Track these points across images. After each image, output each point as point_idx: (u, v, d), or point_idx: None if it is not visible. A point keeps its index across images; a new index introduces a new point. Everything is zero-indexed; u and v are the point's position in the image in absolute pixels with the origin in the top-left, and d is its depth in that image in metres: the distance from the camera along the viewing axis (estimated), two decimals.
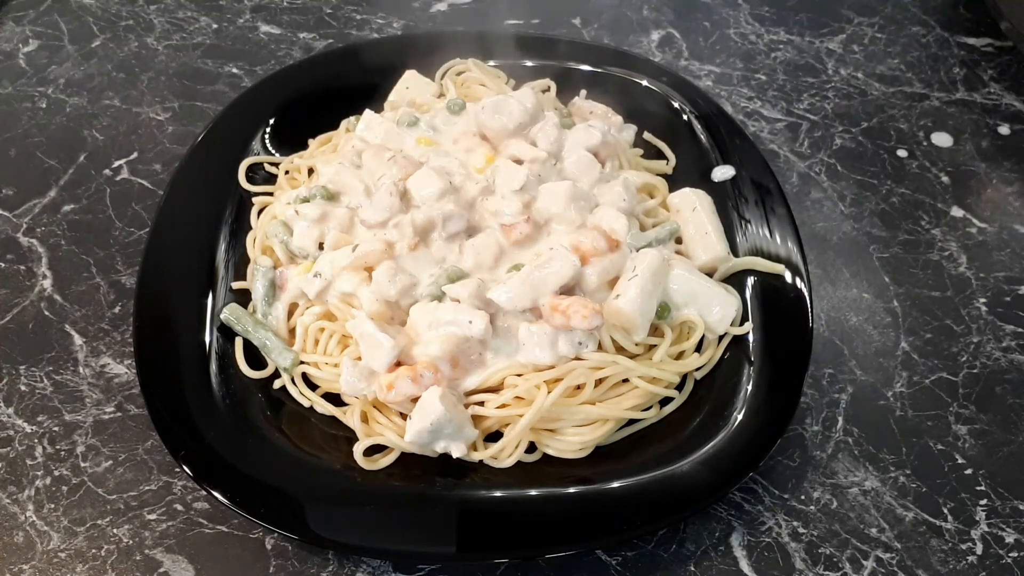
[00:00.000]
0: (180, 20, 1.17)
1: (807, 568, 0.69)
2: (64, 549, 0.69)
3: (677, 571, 0.69)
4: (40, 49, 1.12)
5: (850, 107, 1.07)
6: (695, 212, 0.84)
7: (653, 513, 0.67)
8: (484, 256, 0.76)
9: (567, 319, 0.70)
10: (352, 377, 0.71)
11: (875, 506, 0.73)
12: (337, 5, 1.19)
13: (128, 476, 0.73)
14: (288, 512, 0.66)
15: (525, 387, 0.70)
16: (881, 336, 0.85)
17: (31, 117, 1.03)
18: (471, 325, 0.70)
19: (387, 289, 0.73)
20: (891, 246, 0.92)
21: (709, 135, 0.92)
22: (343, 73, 0.99)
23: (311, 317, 0.77)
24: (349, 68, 0.99)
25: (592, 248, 0.75)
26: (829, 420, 0.78)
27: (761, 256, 0.81)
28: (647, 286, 0.72)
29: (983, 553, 0.71)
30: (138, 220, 0.92)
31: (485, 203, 0.79)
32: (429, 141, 0.86)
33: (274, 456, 0.70)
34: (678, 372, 0.75)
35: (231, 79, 1.08)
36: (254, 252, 0.84)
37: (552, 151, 0.83)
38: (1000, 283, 0.89)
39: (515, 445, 0.71)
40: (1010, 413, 0.79)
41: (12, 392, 0.78)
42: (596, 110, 0.93)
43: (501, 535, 0.66)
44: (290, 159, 0.92)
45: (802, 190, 0.97)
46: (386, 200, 0.78)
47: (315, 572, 0.68)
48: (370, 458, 0.71)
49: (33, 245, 0.90)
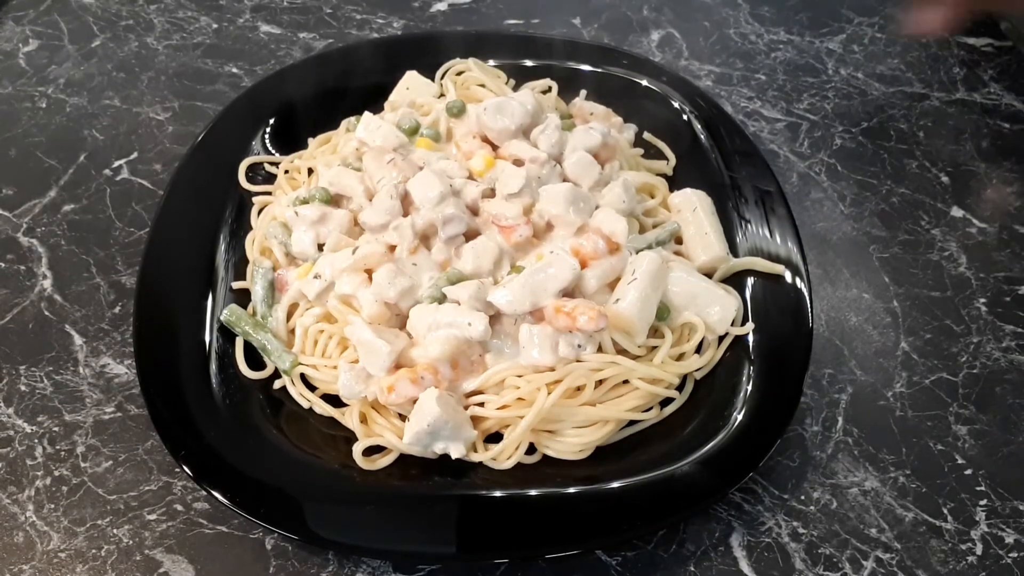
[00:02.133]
0: (180, 20, 1.17)
1: (807, 568, 0.69)
2: (64, 549, 0.69)
3: (677, 571, 0.69)
4: (40, 49, 1.12)
5: (850, 107, 1.07)
6: (695, 212, 0.84)
7: (653, 513, 0.67)
8: (484, 259, 0.76)
9: (572, 321, 0.69)
10: (350, 380, 0.71)
11: (875, 506, 0.73)
12: (337, 5, 1.19)
13: (128, 476, 0.73)
14: (288, 512, 0.66)
15: (526, 389, 0.70)
16: (881, 336, 0.85)
17: (31, 117, 1.03)
18: (471, 327, 0.70)
19: (387, 291, 0.73)
20: (891, 246, 0.92)
21: (709, 135, 0.92)
22: (343, 73, 0.99)
23: (311, 319, 0.77)
24: (349, 68, 0.99)
25: (592, 251, 0.75)
26: (829, 420, 0.78)
27: (761, 256, 0.81)
28: (647, 289, 0.72)
29: (983, 553, 0.71)
30: (138, 220, 0.92)
31: (485, 206, 0.79)
32: (429, 144, 0.86)
33: (274, 456, 0.70)
34: (678, 373, 0.75)
35: (231, 79, 1.08)
36: (253, 253, 0.84)
37: (553, 153, 0.83)
38: (1000, 283, 0.89)
39: (515, 447, 0.71)
40: (1010, 413, 0.79)
41: (12, 392, 0.78)
42: (596, 111, 0.93)
43: (501, 535, 0.66)
44: (290, 159, 0.93)
45: (802, 190, 0.97)
46: (386, 203, 0.78)
47: (315, 572, 0.68)
48: (369, 458, 0.71)
49: (33, 245, 0.90)
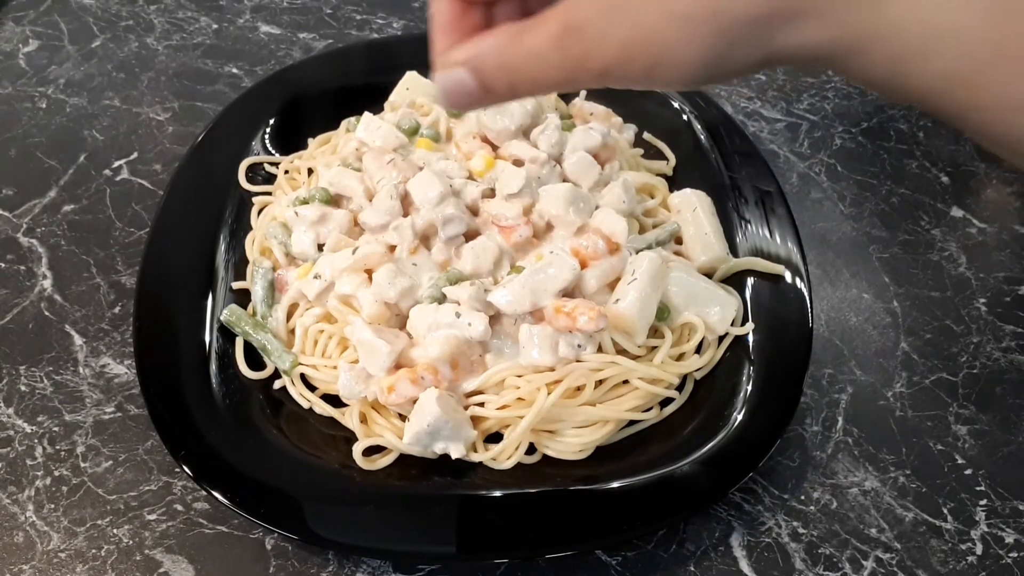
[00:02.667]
0: (180, 20, 1.17)
1: (807, 568, 0.70)
2: (64, 549, 0.69)
3: (677, 571, 0.69)
4: (40, 49, 1.12)
5: (850, 107, 1.07)
6: (695, 213, 0.84)
7: (653, 513, 0.67)
8: (484, 259, 0.76)
9: (572, 321, 0.69)
10: (350, 380, 0.71)
11: (875, 506, 0.73)
12: (337, 5, 1.19)
13: (128, 476, 0.73)
14: (288, 512, 0.66)
15: (526, 389, 0.70)
16: (881, 336, 0.85)
17: (31, 117, 1.03)
18: (470, 327, 0.70)
19: (387, 291, 0.73)
20: (891, 246, 0.92)
21: (709, 135, 0.92)
22: (343, 73, 0.99)
23: (311, 318, 0.77)
24: (349, 68, 0.99)
25: (592, 251, 0.75)
26: (829, 420, 0.78)
27: (761, 256, 0.81)
28: (646, 290, 0.72)
29: (983, 553, 0.71)
30: (138, 220, 0.92)
31: (485, 206, 0.79)
32: (429, 144, 0.86)
33: (274, 456, 0.70)
34: (678, 373, 0.75)
35: (231, 79, 1.09)
36: (253, 253, 0.84)
37: (553, 153, 0.83)
38: (1000, 283, 0.89)
39: (515, 447, 0.71)
40: (1010, 413, 0.79)
41: (12, 392, 0.78)
42: (596, 111, 0.93)
43: (501, 535, 0.66)
44: (290, 159, 0.93)
45: (802, 190, 0.97)
46: (386, 203, 0.78)
47: (315, 572, 0.68)
48: (369, 458, 0.71)
49: (33, 245, 0.90)
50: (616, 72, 0.38)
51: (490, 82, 0.40)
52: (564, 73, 0.39)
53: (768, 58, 0.37)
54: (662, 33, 0.36)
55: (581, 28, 0.37)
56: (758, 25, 0.35)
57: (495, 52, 0.40)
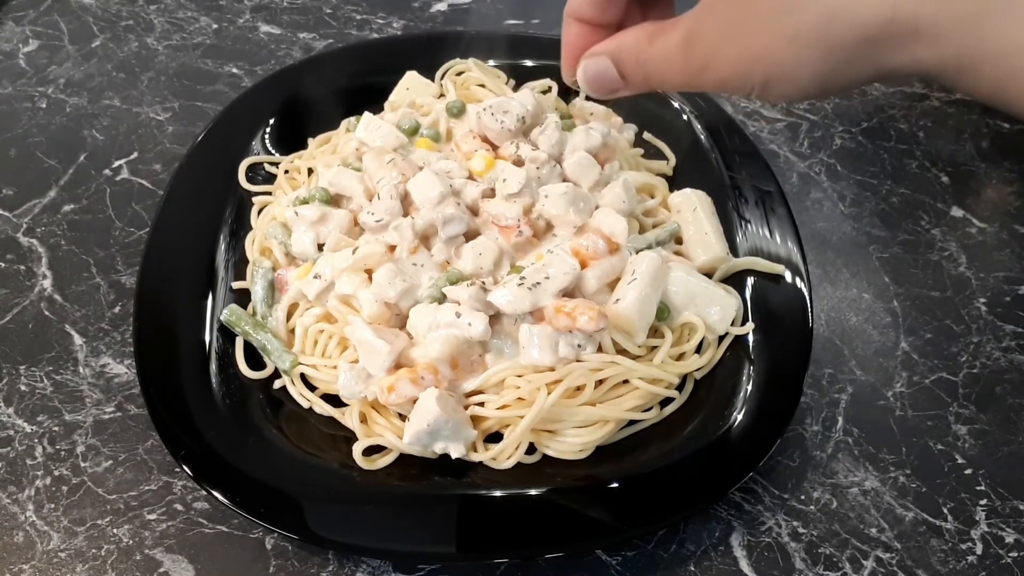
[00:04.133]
0: (180, 20, 1.17)
1: (807, 568, 0.70)
2: (64, 549, 0.69)
3: (677, 571, 0.69)
4: (40, 49, 1.12)
5: (850, 107, 1.07)
6: (695, 212, 0.84)
7: (653, 513, 0.67)
8: (484, 259, 0.76)
9: (572, 321, 0.69)
10: (350, 380, 0.71)
11: (875, 506, 0.73)
12: (337, 5, 1.19)
13: (128, 476, 0.73)
14: (288, 512, 0.66)
15: (526, 389, 0.70)
16: (881, 336, 0.85)
17: (31, 117, 1.03)
18: (471, 327, 0.70)
19: (387, 291, 0.73)
20: (891, 246, 0.92)
21: (709, 135, 0.92)
22: (343, 73, 0.98)
23: (311, 318, 0.77)
24: (349, 68, 0.99)
25: (592, 251, 0.75)
26: (829, 420, 0.78)
27: (761, 256, 0.81)
28: (646, 290, 0.72)
29: (983, 553, 0.71)
30: (138, 220, 0.92)
31: (485, 206, 0.79)
32: (429, 144, 0.86)
33: (274, 456, 0.70)
34: (678, 373, 0.75)
35: (231, 79, 1.09)
36: (253, 253, 0.84)
37: (553, 153, 0.83)
38: (1000, 283, 0.89)
39: (515, 447, 0.71)
40: (1010, 413, 0.79)
41: (12, 392, 0.78)
42: (596, 111, 0.93)
43: (501, 535, 0.66)
44: (290, 159, 0.93)
45: (802, 190, 0.97)
46: (387, 203, 0.78)
47: (315, 572, 0.68)
48: (369, 458, 0.71)
49: (33, 245, 0.90)
50: (733, 83, 0.42)
51: (629, 73, 0.45)
52: (686, 77, 0.43)
53: (879, 73, 0.39)
54: (775, 52, 0.39)
55: (699, 41, 0.41)
56: (870, 45, 0.38)
57: (634, 48, 0.44)
